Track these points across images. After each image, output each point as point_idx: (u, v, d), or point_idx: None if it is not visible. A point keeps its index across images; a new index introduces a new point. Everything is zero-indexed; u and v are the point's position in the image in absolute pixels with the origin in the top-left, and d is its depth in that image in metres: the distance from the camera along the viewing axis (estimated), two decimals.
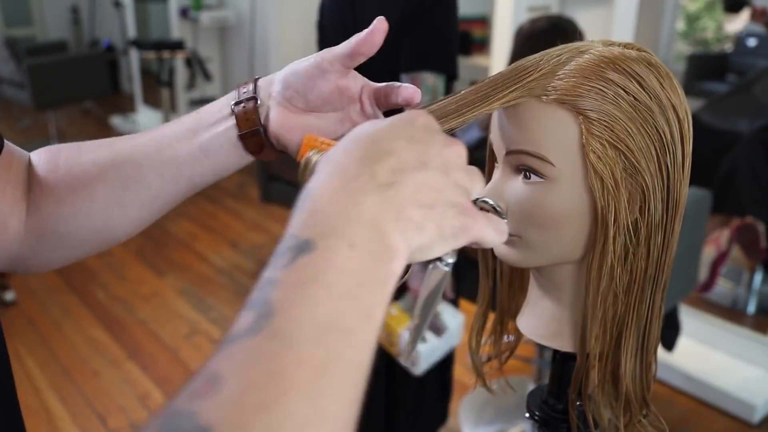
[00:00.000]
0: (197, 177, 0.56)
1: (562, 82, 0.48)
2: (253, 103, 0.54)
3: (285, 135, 0.54)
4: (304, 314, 0.29)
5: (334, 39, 1.88)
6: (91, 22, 6.84)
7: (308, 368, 0.28)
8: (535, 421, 0.61)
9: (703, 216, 1.97)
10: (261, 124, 0.54)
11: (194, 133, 0.55)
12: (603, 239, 0.50)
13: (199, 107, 0.58)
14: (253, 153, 0.56)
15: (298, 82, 0.54)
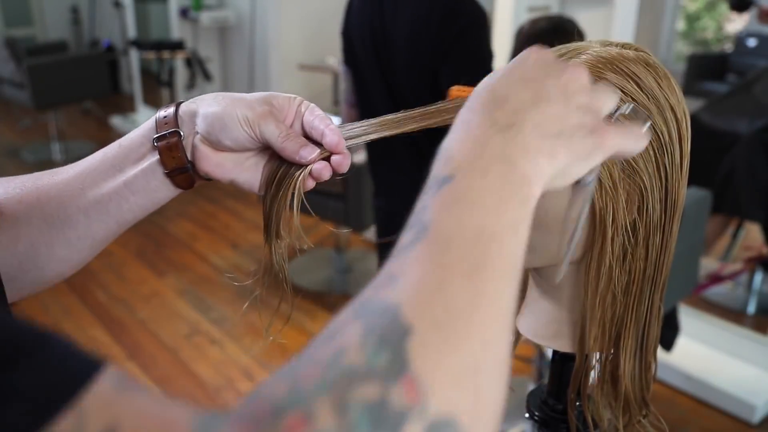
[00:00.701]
0: (126, 214, 0.54)
1: None
2: (176, 138, 0.52)
3: (212, 172, 0.53)
4: (455, 225, 0.33)
5: (363, 54, 1.86)
6: (91, 22, 6.84)
7: (468, 263, 0.32)
8: (534, 421, 0.61)
9: (703, 216, 1.97)
10: (188, 161, 0.52)
11: (119, 171, 0.53)
12: (601, 240, 0.50)
13: None
14: (183, 188, 0.54)
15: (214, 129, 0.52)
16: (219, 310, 2.93)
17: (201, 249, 3.53)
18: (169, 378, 2.46)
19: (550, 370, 0.61)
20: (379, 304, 0.31)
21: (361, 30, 1.63)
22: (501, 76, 0.41)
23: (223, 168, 0.53)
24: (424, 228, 0.34)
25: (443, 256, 0.32)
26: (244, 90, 4.37)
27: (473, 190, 0.35)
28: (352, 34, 1.67)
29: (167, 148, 0.52)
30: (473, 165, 0.36)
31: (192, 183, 0.54)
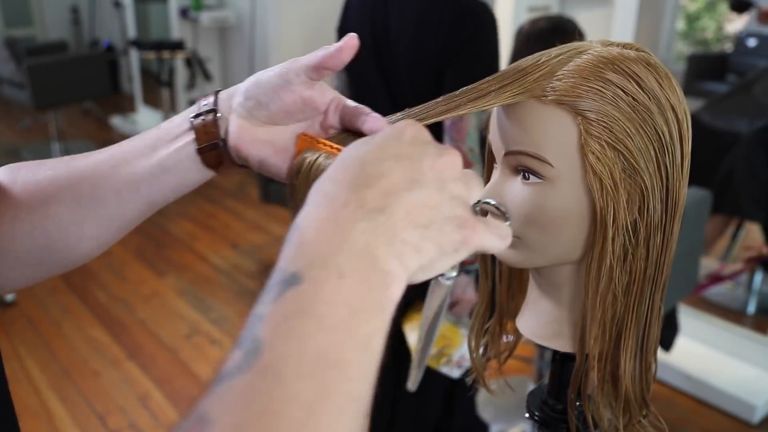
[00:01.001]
0: (156, 195, 0.54)
1: (560, 82, 0.48)
2: (212, 115, 0.53)
3: (245, 148, 0.52)
4: (292, 349, 0.28)
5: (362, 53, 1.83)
6: (91, 22, 6.84)
7: (300, 405, 0.27)
8: (534, 421, 0.61)
9: (703, 216, 1.97)
10: (220, 138, 0.53)
11: (153, 150, 0.53)
12: (602, 240, 0.49)
13: None
14: (212, 167, 0.54)
15: (260, 93, 0.52)
16: (219, 310, 2.93)
17: (201, 249, 3.53)
18: (169, 378, 2.46)
19: (550, 370, 0.61)
20: None
21: (361, 28, 1.61)
22: (372, 148, 0.36)
23: (255, 145, 0.52)
24: (253, 351, 0.28)
25: (270, 396, 0.27)
26: None
27: (322, 302, 0.30)
28: (349, 32, 1.66)
29: (203, 124, 0.52)
30: (328, 262, 0.31)
31: (221, 161, 0.53)
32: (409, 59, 1.51)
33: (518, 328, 0.60)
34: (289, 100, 0.51)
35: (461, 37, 1.44)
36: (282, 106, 0.51)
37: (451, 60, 1.46)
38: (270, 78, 0.52)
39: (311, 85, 0.52)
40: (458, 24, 1.45)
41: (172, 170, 0.53)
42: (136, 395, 2.37)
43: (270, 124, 0.52)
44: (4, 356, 0.57)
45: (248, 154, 0.52)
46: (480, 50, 1.47)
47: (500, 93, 0.49)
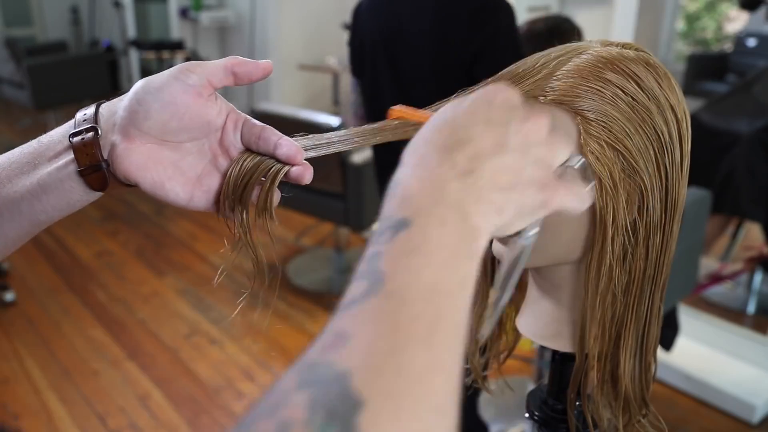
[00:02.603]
0: (39, 215, 0.50)
1: (560, 82, 0.48)
2: (92, 134, 0.48)
3: (134, 171, 0.48)
4: (411, 279, 0.32)
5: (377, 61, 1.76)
6: (91, 22, 6.84)
7: (422, 324, 0.31)
8: (534, 421, 0.61)
9: (702, 216, 1.97)
10: (103, 159, 0.48)
11: (34, 167, 0.49)
12: (602, 240, 0.50)
13: None
14: (97, 189, 0.49)
15: (150, 98, 0.47)
16: (219, 310, 2.93)
17: (201, 249, 3.53)
18: (169, 378, 2.46)
19: (550, 370, 0.61)
20: (327, 370, 0.28)
21: (373, 36, 1.59)
22: (464, 111, 0.39)
23: (146, 168, 0.48)
24: (377, 280, 0.32)
25: (398, 315, 0.31)
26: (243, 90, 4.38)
27: (430, 242, 0.34)
28: (364, 42, 1.63)
29: (82, 144, 0.48)
30: (431, 212, 0.35)
31: (106, 183, 0.49)
32: (432, 58, 1.49)
33: (518, 328, 0.60)
34: (182, 102, 0.47)
35: (484, 31, 1.43)
36: (175, 112, 0.47)
37: (476, 55, 1.44)
38: (162, 79, 0.48)
39: (209, 91, 0.48)
40: (478, 17, 1.43)
41: (54, 191, 0.49)
42: (136, 395, 2.37)
43: (160, 140, 0.48)
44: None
45: (139, 176, 0.48)
46: (505, 42, 1.45)
47: None
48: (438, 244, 0.34)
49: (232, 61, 0.50)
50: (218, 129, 0.49)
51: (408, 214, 0.35)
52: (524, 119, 0.39)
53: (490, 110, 0.39)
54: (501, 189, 0.37)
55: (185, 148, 0.49)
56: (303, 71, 4.76)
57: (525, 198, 0.38)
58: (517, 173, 0.38)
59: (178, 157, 0.49)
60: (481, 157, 0.37)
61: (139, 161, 0.48)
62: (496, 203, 0.37)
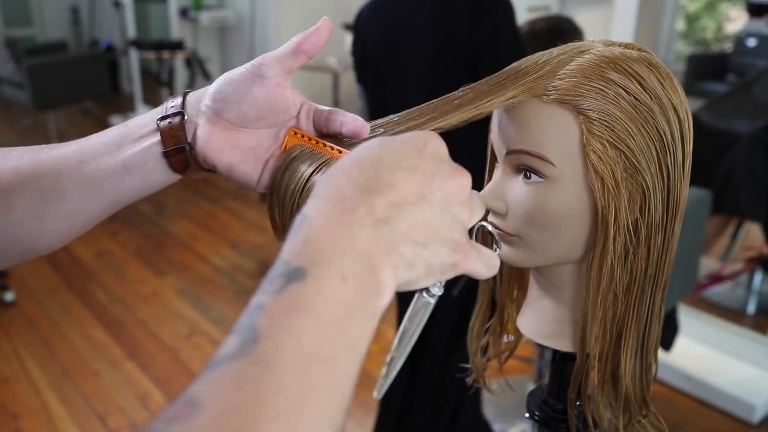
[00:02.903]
0: (120, 194, 0.52)
1: (562, 81, 0.48)
2: (179, 118, 0.51)
3: (212, 154, 0.50)
4: (289, 341, 0.29)
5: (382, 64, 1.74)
6: (91, 22, 6.84)
7: (290, 395, 0.27)
8: (535, 421, 0.61)
9: (703, 216, 1.97)
10: (187, 141, 0.51)
11: (118, 148, 0.52)
12: (603, 239, 0.49)
13: None
14: (178, 171, 0.52)
15: (231, 90, 0.50)
16: (219, 310, 2.93)
17: (201, 249, 3.53)
18: (169, 378, 2.46)
19: (551, 370, 0.61)
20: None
21: (374, 36, 1.58)
22: (391, 152, 0.37)
23: (223, 151, 0.50)
24: (250, 340, 0.29)
25: (262, 385, 0.27)
26: None
27: (322, 299, 0.31)
28: (365, 45, 1.62)
29: (169, 127, 0.51)
30: (334, 263, 0.32)
31: (188, 166, 0.51)
32: (433, 54, 1.47)
33: (519, 328, 0.60)
34: (261, 95, 0.49)
35: (485, 25, 1.42)
36: (254, 104, 0.50)
37: (478, 49, 1.43)
38: (242, 73, 0.50)
39: (286, 81, 0.50)
40: (478, 10, 1.43)
41: (137, 171, 0.52)
42: (135, 395, 2.37)
43: (240, 127, 0.51)
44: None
45: (216, 159, 0.51)
46: (506, 36, 1.44)
47: (502, 93, 0.48)
48: (332, 301, 0.31)
49: (298, 41, 0.50)
50: (293, 117, 0.51)
51: (307, 262, 0.32)
52: (450, 175, 0.37)
53: (418, 158, 0.37)
54: (415, 243, 0.35)
55: (261, 134, 0.51)
56: (303, 71, 4.76)
57: (437, 257, 0.36)
58: (434, 230, 0.36)
59: (254, 143, 0.51)
60: (401, 206, 0.35)
61: (218, 145, 0.50)
62: (408, 258, 0.35)
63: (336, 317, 0.31)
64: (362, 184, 0.35)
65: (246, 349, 0.28)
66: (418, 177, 0.36)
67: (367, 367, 0.37)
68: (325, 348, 0.30)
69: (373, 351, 0.38)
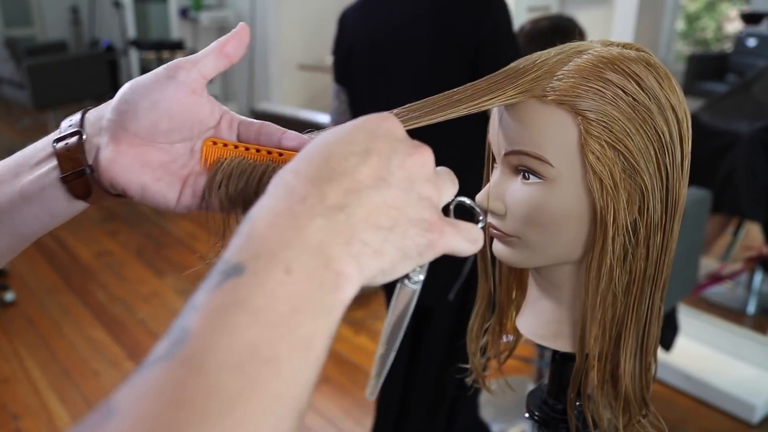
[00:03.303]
0: (21, 226, 0.47)
1: (560, 82, 0.48)
2: (77, 138, 0.45)
3: (120, 176, 0.44)
4: (221, 341, 0.27)
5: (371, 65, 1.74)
6: (91, 22, 6.84)
7: (220, 399, 0.25)
8: (534, 421, 0.61)
9: (703, 216, 1.97)
10: (87, 164, 0.45)
11: (15, 176, 0.46)
12: (602, 240, 0.50)
13: None
14: (80, 197, 0.46)
15: (139, 97, 0.44)
16: None
17: (201, 249, 3.53)
18: None
19: (550, 370, 0.61)
20: None
21: (363, 39, 1.58)
22: (340, 140, 0.34)
23: (132, 171, 0.44)
24: (179, 340, 0.27)
25: (188, 388, 0.25)
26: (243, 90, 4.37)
27: (261, 295, 0.28)
28: (352, 49, 1.60)
29: (66, 149, 0.45)
30: (276, 256, 0.29)
31: (89, 191, 0.46)
32: (430, 52, 1.47)
33: (518, 328, 0.60)
34: (174, 102, 0.44)
35: (484, 23, 1.42)
36: (166, 112, 0.44)
37: (479, 46, 1.43)
38: (152, 77, 0.44)
39: (202, 87, 0.45)
40: (477, 8, 1.43)
41: (36, 200, 0.46)
42: None
43: (150, 141, 0.45)
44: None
45: (126, 181, 0.44)
46: (504, 34, 1.45)
47: (499, 93, 0.48)
48: (274, 296, 0.28)
49: (220, 43, 0.45)
50: (211, 128, 0.46)
51: (246, 257, 0.29)
52: (408, 153, 0.35)
53: (371, 140, 0.34)
54: (379, 228, 0.33)
55: (176, 149, 0.46)
56: (303, 71, 4.76)
57: (408, 239, 0.34)
58: (399, 211, 0.34)
59: (168, 159, 0.45)
60: (357, 191, 0.32)
61: (125, 165, 0.44)
62: (373, 244, 0.32)
63: (279, 313, 0.28)
64: (311, 175, 0.32)
65: (173, 351, 0.26)
66: (374, 159, 0.34)
67: (362, 363, 0.37)
68: (266, 347, 0.27)
69: (371, 349, 0.37)
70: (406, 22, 1.49)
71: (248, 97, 4.99)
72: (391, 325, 0.38)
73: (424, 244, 0.35)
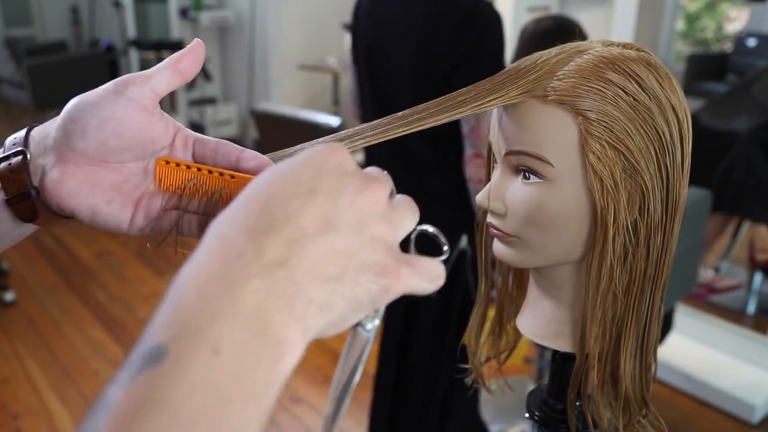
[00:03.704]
0: None
1: (561, 82, 0.48)
2: (20, 158, 0.42)
3: (68, 198, 0.42)
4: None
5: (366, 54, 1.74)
6: (91, 22, 6.84)
7: None
8: (534, 421, 0.61)
9: (703, 216, 1.97)
10: (32, 186, 0.42)
11: None
12: (602, 240, 0.50)
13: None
14: (26, 220, 0.43)
15: (86, 114, 0.41)
16: None
17: None
18: None
19: (551, 370, 0.61)
20: None
21: (365, 31, 1.60)
22: (285, 176, 0.31)
23: (81, 193, 0.42)
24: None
25: None
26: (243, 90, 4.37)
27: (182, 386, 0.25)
28: (358, 33, 1.64)
29: (8, 170, 0.42)
30: (203, 333, 0.26)
31: (35, 214, 0.43)
32: (413, 63, 1.50)
33: (518, 328, 0.60)
34: (125, 119, 0.41)
35: (468, 38, 1.44)
36: (115, 130, 0.41)
37: (457, 62, 1.45)
38: (101, 93, 0.42)
39: (155, 104, 0.42)
40: (464, 25, 1.44)
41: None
42: None
43: (99, 161, 0.42)
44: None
45: (75, 204, 0.42)
46: (487, 52, 1.46)
47: (501, 93, 0.49)
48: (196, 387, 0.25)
49: (174, 59, 0.43)
50: (165, 147, 0.44)
51: (169, 336, 0.26)
52: (359, 189, 0.32)
53: (317, 178, 0.31)
54: (326, 280, 0.30)
55: (127, 168, 0.43)
56: (303, 71, 4.76)
57: (359, 287, 0.31)
58: (349, 257, 0.30)
59: (119, 180, 0.43)
60: (301, 240, 0.29)
61: (74, 187, 0.41)
62: (319, 300, 0.29)
63: (202, 407, 0.25)
64: (249, 226, 0.29)
65: None
66: (320, 200, 0.30)
67: (366, 367, 0.36)
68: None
69: (372, 349, 0.36)
70: (401, 23, 1.51)
71: (248, 97, 4.99)
72: (343, 381, 0.34)
73: (378, 291, 0.32)
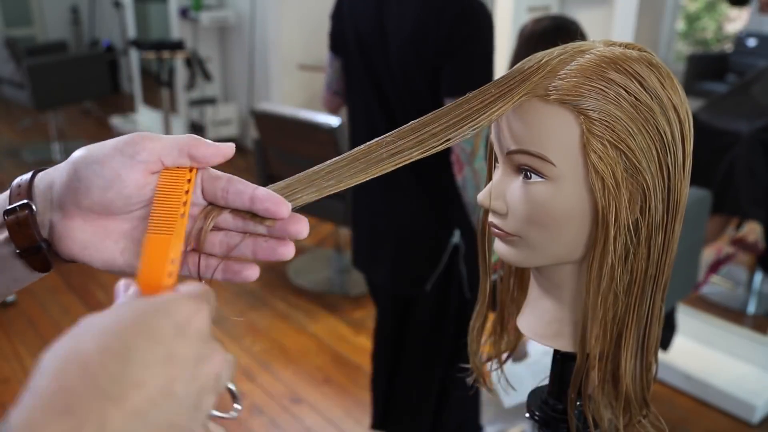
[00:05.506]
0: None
1: (563, 81, 0.48)
2: (27, 212, 0.41)
3: (80, 253, 0.42)
4: None
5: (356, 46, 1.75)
6: (91, 22, 6.84)
7: None
8: (535, 421, 0.61)
9: (703, 216, 1.97)
10: (42, 239, 0.42)
11: None
12: (603, 239, 0.49)
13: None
14: (40, 271, 0.44)
15: (93, 175, 0.40)
16: (219, 310, 2.93)
17: None
18: None
19: (551, 370, 0.61)
20: None
21: (354, 21, 1.60)
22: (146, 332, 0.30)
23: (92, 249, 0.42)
24: None
25: None
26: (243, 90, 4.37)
27: None
28: (344, 23, 1.62)
29: (16, 223, 0.41)
30: None
31: (49, 265, 0.43)
32: (403, 59, 1.50)
33: (519, 328, 0.60)
34: (131, 182, 0.40)
35: (460, 36, 1.44)
36: (121, 191, 0.41)
37: (447, 59, 1.46)
38: (105, 149, 0.41)
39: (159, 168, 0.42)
40: (457, 23, 1.45)
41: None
42: None
43: (105, 215, 0.41)
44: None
45: (88, 257, 0.42)
46: (476, 50, 1.47)
47: (508, 98, 0.48)
48: None
49: (189, 142, 0.42)
50: None
51: None
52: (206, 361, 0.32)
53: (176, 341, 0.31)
54: None
55: (136, 215, 0.43)
56: (303, 71, 4.76)
57: None
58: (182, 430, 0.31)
59: (128, 227, 0.43)
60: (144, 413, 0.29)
61: (84, 241, 0.41)
62: None
63: None
64: (101, 386, 0.28)
65: None
66: (173, 370, 0.30)
67: (362, 363, 0.36)
68: None
69: (368, 347, 0.35)
70: (393, 21, 1.51)
71: (248, 98, 4.99)
72: None
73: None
